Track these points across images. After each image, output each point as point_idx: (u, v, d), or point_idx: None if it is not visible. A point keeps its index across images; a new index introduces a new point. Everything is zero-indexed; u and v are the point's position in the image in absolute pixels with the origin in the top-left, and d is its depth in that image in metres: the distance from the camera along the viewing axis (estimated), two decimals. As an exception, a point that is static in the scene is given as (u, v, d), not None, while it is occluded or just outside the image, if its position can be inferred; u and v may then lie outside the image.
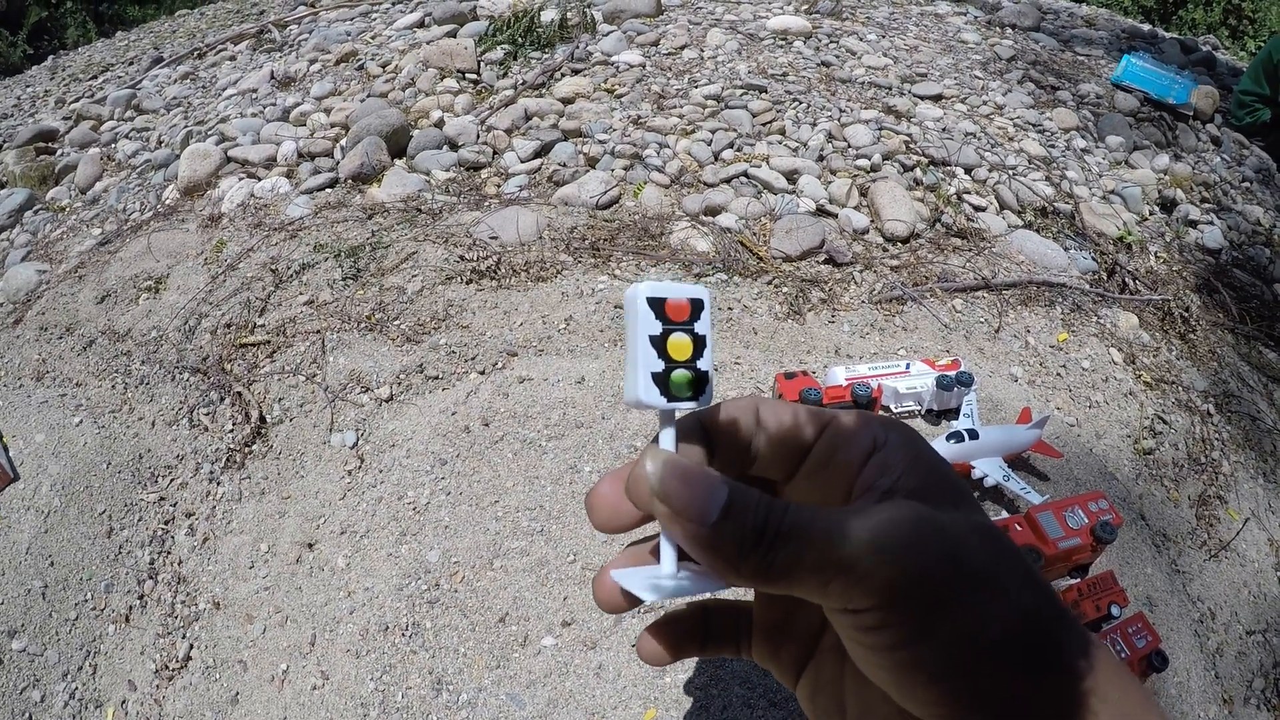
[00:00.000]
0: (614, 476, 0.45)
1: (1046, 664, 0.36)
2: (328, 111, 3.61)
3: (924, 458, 0.43)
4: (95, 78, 5.43)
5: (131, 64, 5.46)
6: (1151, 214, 3.38)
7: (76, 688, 1.86)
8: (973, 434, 1.95)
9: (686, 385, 0.43)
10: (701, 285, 0.45)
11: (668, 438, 0.43)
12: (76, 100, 4.82)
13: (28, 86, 5.77)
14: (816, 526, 0.37)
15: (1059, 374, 2.48)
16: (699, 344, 0.44)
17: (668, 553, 0.43)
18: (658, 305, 0.43)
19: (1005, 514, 1.97)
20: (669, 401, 0.43)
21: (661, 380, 0.43)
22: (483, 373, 2.30)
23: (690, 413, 0.46)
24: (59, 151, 4.10)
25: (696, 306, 0.44)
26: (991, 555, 0.38)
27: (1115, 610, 1.76)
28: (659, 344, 0.43)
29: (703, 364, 0.44)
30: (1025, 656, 0.36)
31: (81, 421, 2.36)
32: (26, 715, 1.79)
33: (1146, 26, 5.97)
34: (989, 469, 1.95)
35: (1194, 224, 3.38)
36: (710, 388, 0.44)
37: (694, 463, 0.40)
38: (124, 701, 1.85)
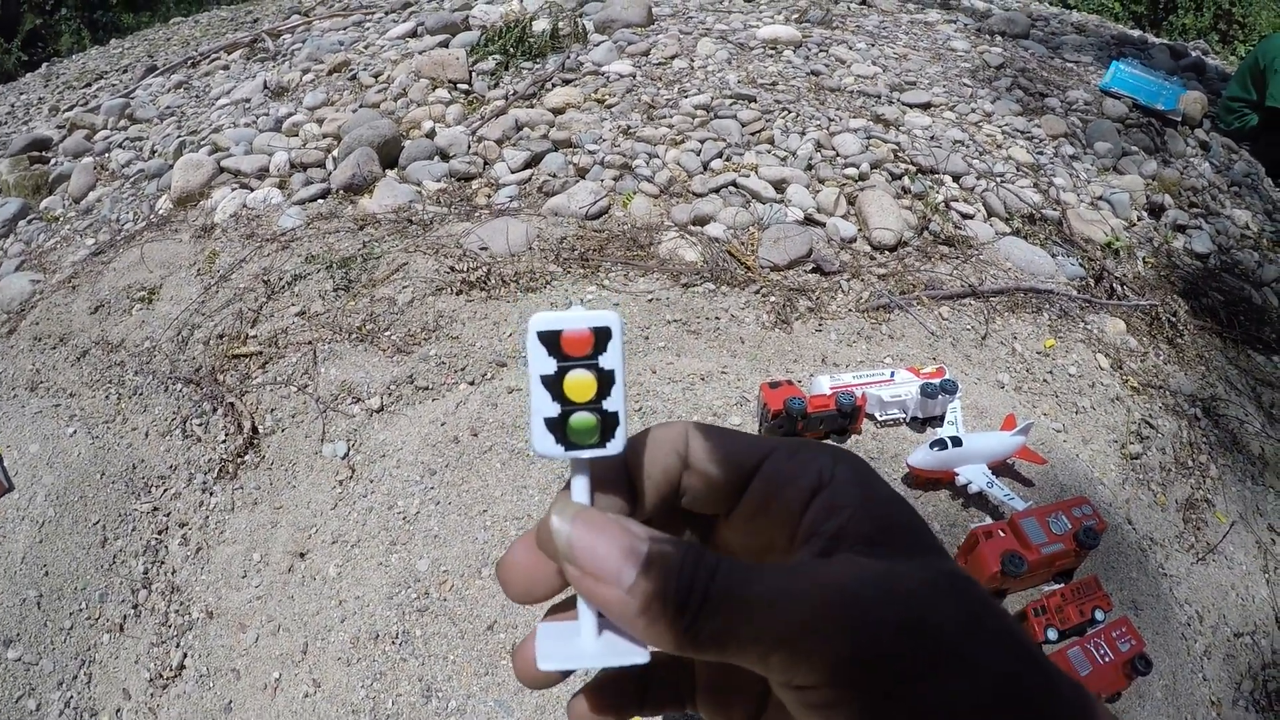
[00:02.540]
0: (527, 539, 0.39)
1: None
2: (320, 122, 3.63)
3: (877, 496, 0.37)
4: (89, 85, 5.45)
5: (125, 72, 5.48)
6: (1139, 220, 3.40)
7: (72, 696, 1.87)
8: (956, 441, 1.97)
9: (589, 431, 0.37)
10: (612, 311, 0.38)
11: (580, 488, 0.38)
12: (70, 109, 4.83)
13: (21, 94, 5.78)
14: (752, 591, 0.32)
15: (1046, 380, 2.50)
16: (605, 381, 0.37)
17: (586, 617, 0.37)
18: (551, 340, 0.37)
19: (989, 520, 1.99)
20: (567, 450, 0.37)
21: (557, 427, 0.37)
22: (472, 383, 2.32)
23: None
24: (52, 161, 4.11)
25: (601, 337, 0.37)
26: (959, 616, 0.32)
27: (1099, 615, 1.78)
28: (554, 385, 0.37)
29: (610, 404, 0.37)
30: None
31: (75, 432, 2.36)
32: (21, 724, 1.80)
33: (1136, 32, 6.00)
34: (973, 475, 1.97)
35: (1182, 229, 3.40)
36: (621, 430, 0.38)
37: (610, 513, 0.36)
38: (119, 710, 1.87)
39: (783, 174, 3.10)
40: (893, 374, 2.21)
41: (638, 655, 0.36)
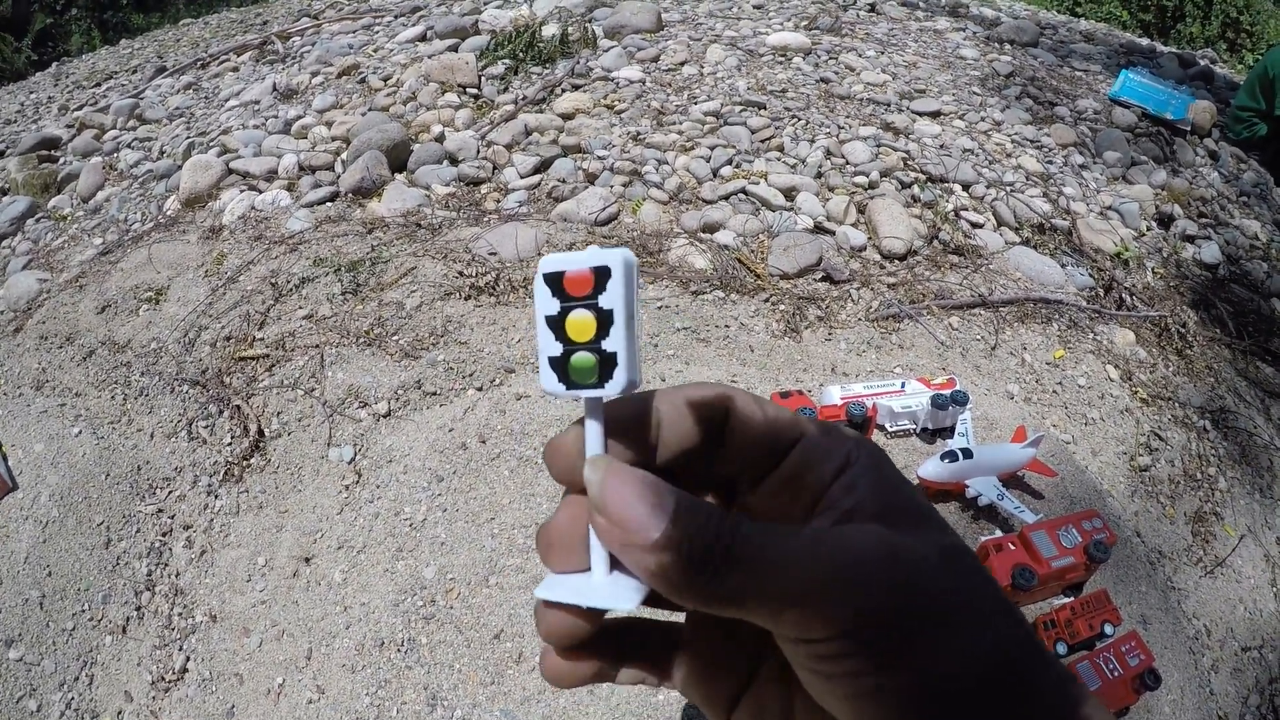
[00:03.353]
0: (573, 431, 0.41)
1: (1016, 705, 0.33)
2: (329, 125, 3.63)
3: (888, 478, 0.40)
4: (99, 85, 5.45)
5: (135, 72, 5.48)
6: (1149, 229, 3.39)
7: (73, 698, 1.86)
8: (967, 453, 1.96)
9: (589, 370, 0.38)
10: (623, 249, 0.38)
11: (593, 433, 0.39)
12: (80, 108, 4.83)
13: (31, 93, 5.79)
14: (771, 549, 0.34)
15: (1055, 391, 2.49)
16: (604, 321, 0.38)
17: (598, 563, 0.39)
18: (555, 281, 0.38)
19: (999, 533, 1.98)
20: (568, 389, 0.39)
21: (560, 366, 0.39)
22: (480, 389, 2.31)
23: (634, 401, 0.41)
24: (61, 160, 4.11)
25: (601, 276, 0.38)
26: (956, 584, 0.35)
27: (1108, 629, 1.77)
28: (557, 325, 0.39)
29: (610, 344, 0.38)
30: (993, 697, 0.33)
31: (81, 432, 2.36)
32: (23, 725, 1.79)
33: (1145, 41, 5.99)
34: (983, 488, 1.95)
35: (1191, 239, 3.39)
36: (621, 370, 0.38)
37: (638, 470, 0.37)
38: (120, 712, 1.86)
39: (792, 181, 3.09)
40: (903, 385, 2.20)
41: (633, 599, 0.37)
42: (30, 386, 2.58)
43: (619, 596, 0.38)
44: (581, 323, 0.38)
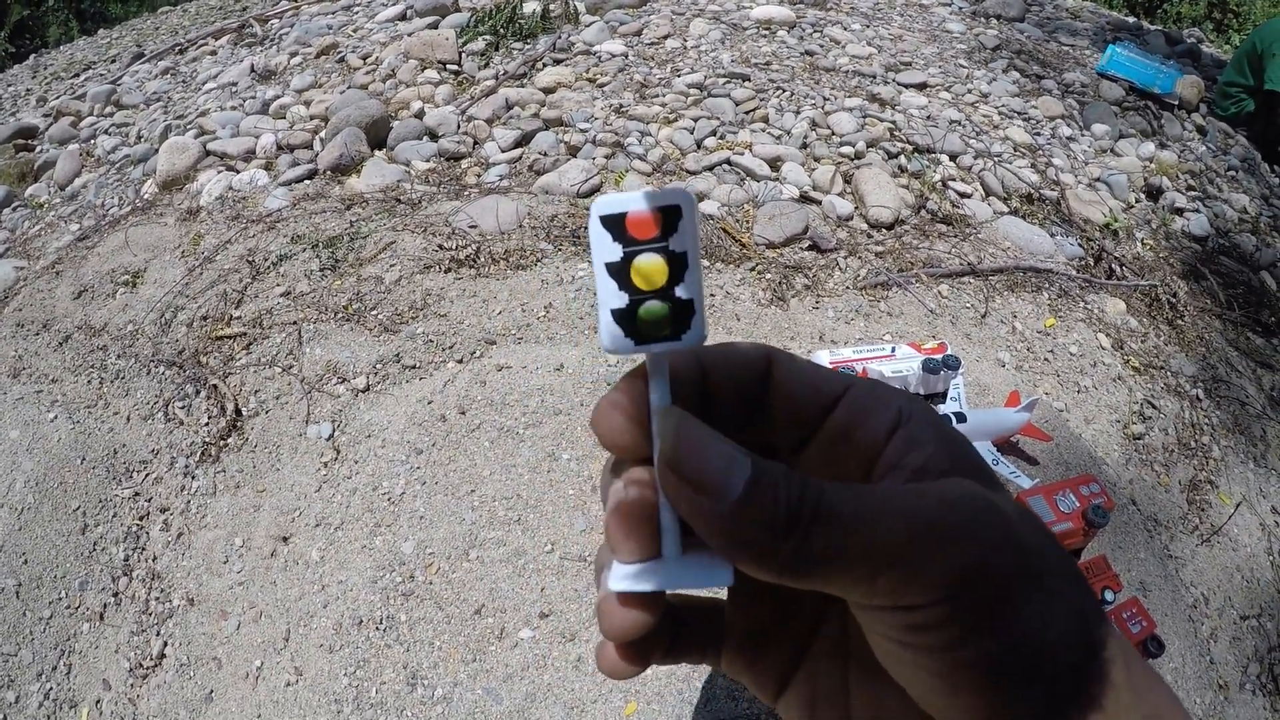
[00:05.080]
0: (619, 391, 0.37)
1: (1091, 665, 0.32)
2: (308, 104, 3.58)
3: (951, 435, 0.37)
4: (77, 76, 5.38)
5: (113, 61, 5.42)
6: (1138, 201, 3.37)
7: (51, 688, 1.82)
8: (960, 417, 1.93)
9: (662, 321, 0.34)
10: (683, 188, 0.32)
11: (659, 390, 0.35)
12: (58, 99, 4.77)
13: (9, 85, 5.72)
14: (863, 507, 0.31)
15: (1047, 359, 2.46)
16: (677, 265, 0.33)
17: (670, 538, 0.35)
18: (615, 224, 0.33)
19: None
20: (637, 344, 0.34)
21: (626, 318, 0.34)
22: (460, 361, 2.27)
23: (685, 357, 0.37)
24: (38, 148, 4.06)
25: (670, 216, 0.33)
26: (1041, 543, 0.33)
27: (1110, 595, 1.73)
28: (620, 273, 0.34)
29: (684, 291, 0.34)
30: (1076, 658, 0.32)
31: (56, 417, 2.31)
32: (0, 716, 1.75)
33: (1131, 19, 5.97)
34: (977, 453, 1.92)
35: (1180, 211, 3.37)
36: (698, 320, 0.34)
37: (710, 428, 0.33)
38: (99, 701, 1.82)
39: (777, 152, 3.05)
40: (894, 349, 2.16)
41: (723, 576, 0.34)
42: (7, 375, 2.53)
43: (710, 574, 0.34)
44: (652, 268, 0.33)
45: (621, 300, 0.34)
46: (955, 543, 0.31)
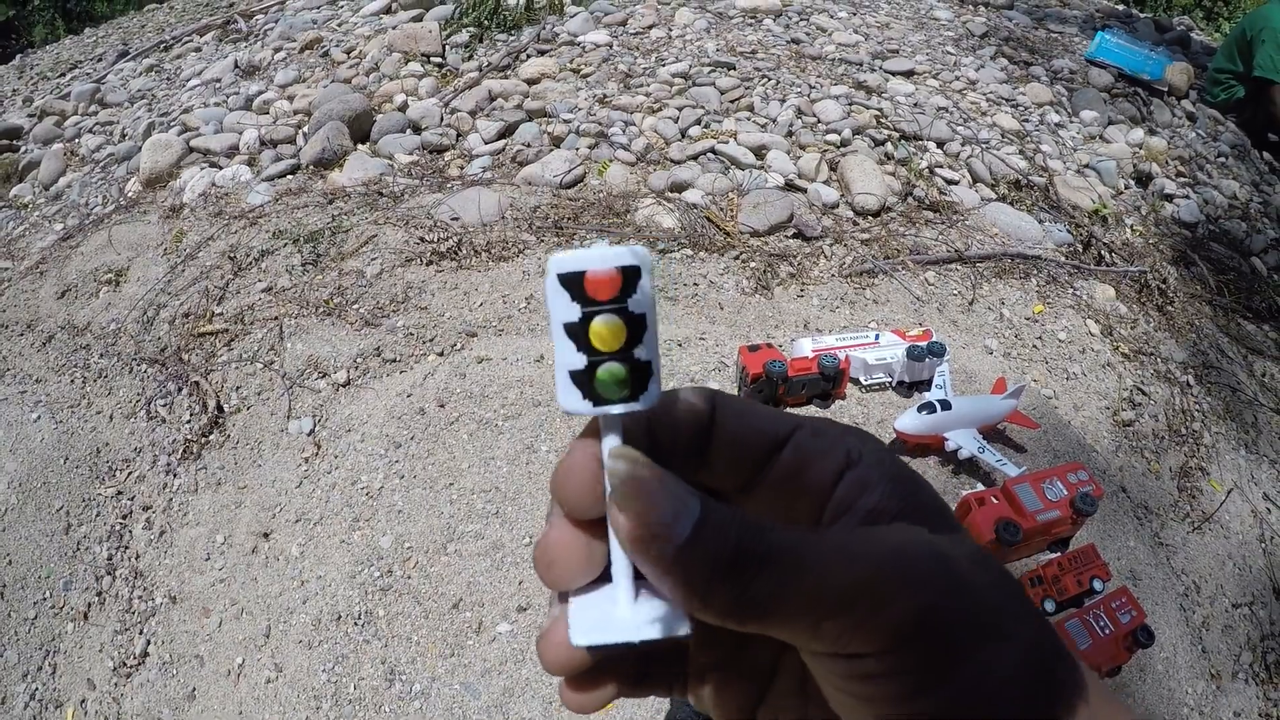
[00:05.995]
0: (559, 523, 0.37)
1: (1051, 709, 0.31)
2: (291, 99, 3.55)
3: (904, 476, 0.37)
4: (63, 75, 5.34)
5: (100, 60, 5.38)
6: (1127, 188, 3.35)
7: (36, 688, 1.81)
8: (945, 404, 1.91)
9: (620, 383, 0.33)
10: (641, 247, 0.33)
11: (611, 446, 0.34)
12: (43, 99, 4.74)
13: (-6, 86, 5.68)
14: (807, 552, 0.31)
15: (1035, 346, 2.44)
16: (636, 326, 0.33)
17: (623, 582, 0.35)
18: (574, 283, 0.33)
19: (981, 487, 1.93)
20: (595, 406, 0.34)
21: (584, 380, 0.33)
22: (441, 354, 2.25)
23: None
24: (23, 149, 4.03)
25: (629, 277, 0.33)
26: (993, 586, 0.32)
27: (1098, 585, 1.71)
28: (578, 334, 0.33)
29: (642, 352, 0.33)
30: (1031, 698, 0.31)
31: (40, 417, 2.30)
32: (-13, 718, 1.74)
33: (1121, 6, 5.95)
34: (963, 440, 1.90)
35: (1169, 198, 3.35)
36: (655, 382, 0.34)
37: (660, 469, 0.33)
38: (84, 700, 1.80)
39: (762, 140, 3.03)
40: (878, 336, 2.15)
41: (681, 626, 0.34)
42: (-10, 375, 2.52)
43: (668, 624, 0.34)
44: (610, 330, 0.33)
45: (580, 362, 0.33)
46: (902, 591, 0.30)
